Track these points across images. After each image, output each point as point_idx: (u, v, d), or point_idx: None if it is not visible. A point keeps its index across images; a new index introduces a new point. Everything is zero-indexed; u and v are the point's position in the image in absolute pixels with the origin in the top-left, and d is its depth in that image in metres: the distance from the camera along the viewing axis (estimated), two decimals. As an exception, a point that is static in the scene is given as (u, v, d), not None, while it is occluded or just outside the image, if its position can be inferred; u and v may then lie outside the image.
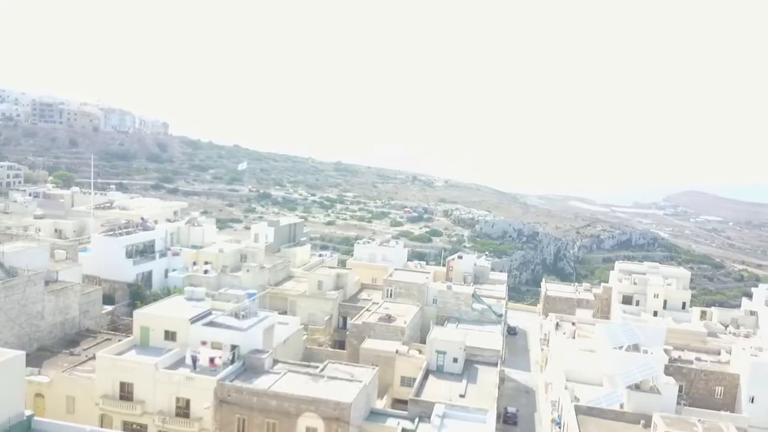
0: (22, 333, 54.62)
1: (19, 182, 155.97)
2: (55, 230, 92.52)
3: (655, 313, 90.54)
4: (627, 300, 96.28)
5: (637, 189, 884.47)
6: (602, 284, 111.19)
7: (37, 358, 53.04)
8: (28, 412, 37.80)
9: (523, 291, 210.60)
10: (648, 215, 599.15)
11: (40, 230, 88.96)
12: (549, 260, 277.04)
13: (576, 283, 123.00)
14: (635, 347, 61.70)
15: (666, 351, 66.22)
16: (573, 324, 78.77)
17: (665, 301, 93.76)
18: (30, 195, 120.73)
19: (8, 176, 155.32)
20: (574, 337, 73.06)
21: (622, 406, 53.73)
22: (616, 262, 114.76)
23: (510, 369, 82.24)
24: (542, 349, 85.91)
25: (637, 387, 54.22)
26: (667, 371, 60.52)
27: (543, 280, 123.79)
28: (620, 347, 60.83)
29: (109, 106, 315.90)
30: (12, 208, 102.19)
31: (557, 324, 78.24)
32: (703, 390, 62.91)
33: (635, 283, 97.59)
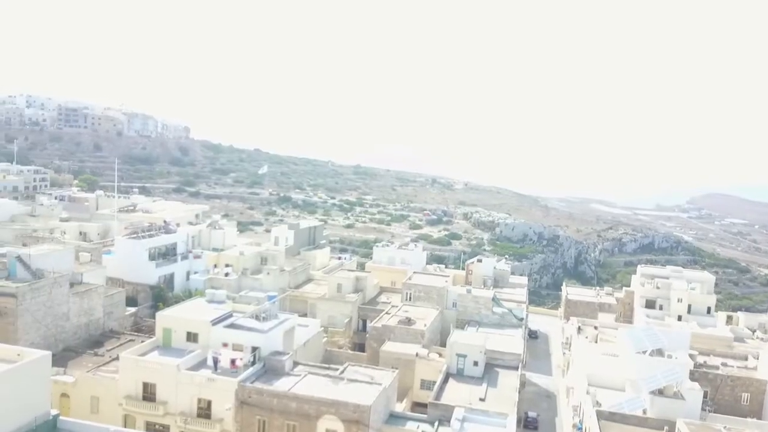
0: (48, 334, 55.64)
1: (46, 186, 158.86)
2: (80, 233, 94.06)
3: (679, 318, 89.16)
4: (650, 304, 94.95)
5: (659, 191, 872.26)
6: (624, 288, 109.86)
7: (62, 358, 53.92)
8: (53, 412, 38.46)
9: (543, 295, 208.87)
10: (671, 218, 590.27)
11: (65, 233, 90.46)
12: (570, 264, 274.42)
13: (597, 287, 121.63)
14: (659, 352, 60.78)
15: (690, 356, 65.11)
16: (595, 328, 77.84)
17: (689, 306, 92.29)
18: (56, 198, 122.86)
19: (35, 180, 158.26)
20: (596, 342, 72.22)
21: (645, 411, 52.93)
22: (639, 266, 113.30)
23: (531, 373, 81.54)
24: (564, 353, 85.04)
25: (660, 392, 53.35)
26: (692, 377, 59.50)
27: (564, 283, 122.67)
28: (643, 352, 59.97)
29: (132, 111, 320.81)
30: (38, 211, 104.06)
31: (579, 328, 77.41)
32: (729, 396, 61.73)
33: (658, 287, 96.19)
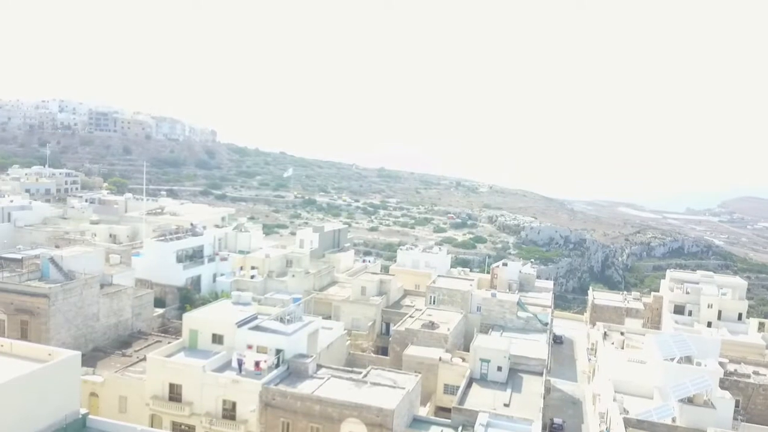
0: (79, 334, 56.86)
1: (77, 189, 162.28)
2: (110, 235, 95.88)
3: (709, 324, 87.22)
4: (679, 310, 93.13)
5: (690, 195, 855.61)
6: (652, 293, 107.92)
7: (91, 358, 55.02)
8: (83, 411, 39.27)
9: (569, 299, 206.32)
10: (702, 222, 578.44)
11: (95, 235, 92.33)
12: (596, 268, 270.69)
13: (624, 292, 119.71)
14: (688, 359, 59.55)
15: (721, 364, 63.62)
16: (622, 334, 76.63)
17: (720, 312, 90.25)
18: (86, 201, 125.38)
19: (66, 183, 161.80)
20: (622, 348, 71.08)
21: (674, 420, 51.89)
22: (668, 271, 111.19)
23: (556, 379, 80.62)
24: (589, 359, 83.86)
25: (690, 401, 52.27)
26: (723, 385, 58.16)
27: (590, 288, 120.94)
28: (672, 359, 58.83)
29: (161, 115, 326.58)
30: (70, 214, 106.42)
31: (605, 333, 76.26)
32: (762, 406, 60.13)
33: (688, 293, 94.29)
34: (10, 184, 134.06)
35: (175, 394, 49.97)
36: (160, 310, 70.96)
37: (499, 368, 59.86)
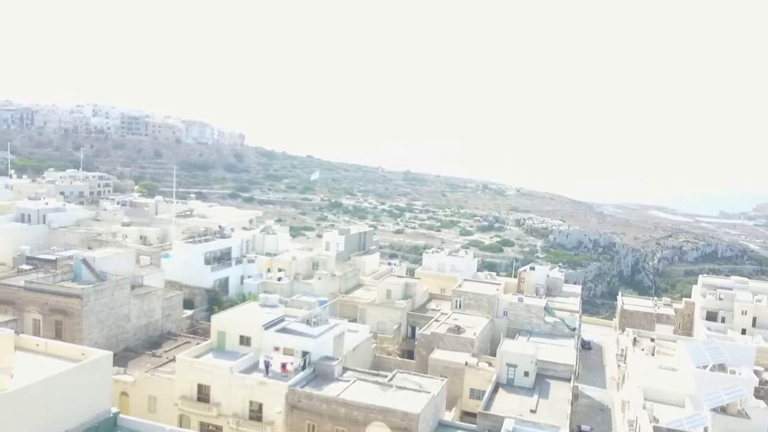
0: (110, 334, 58.05)
1: (109, 191, 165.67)
2: (140, 237, 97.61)
3: (743, 331, 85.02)
4: (711, 316, 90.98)
5: (723, 197, 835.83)
6: (684, 299, 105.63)
7: (122, 358, 56.09)
8: (114, 410, 40.08)
9: (598, 304, 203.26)
10: (736, 226, 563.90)
11: (126, 237, 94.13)
12: (626, 272, 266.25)
13: (655, 297, 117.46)
14: (721, 367, 58.22)
15: (756, 372, 61.95)
16: (652, 340, 75.23)
17: (754, 319, 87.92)
18: (118, 203, 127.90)
19: (99, 186, 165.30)
20: (653, 354, 69.77)
21: (706, 429, 50.73)
22: (700, 276, 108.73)
23: (584, 385, 79.46)
24: (619, 366, 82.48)
25: (723, 410, 51.08)
26: (757, 394, 56.67)
27: (619, 293, 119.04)
28: (704, 367, 57.56)
29: (190, 119, 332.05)
30: (102, 216, 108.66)
31: (635, 339, 74.96)
32: (799, 416, 58.32)
33: (721, 299, 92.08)
34: (46, 186, 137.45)
35: (203, 395, 50.65)
36: (188, 312, 72.02)
37: (526, 373, 59.26)
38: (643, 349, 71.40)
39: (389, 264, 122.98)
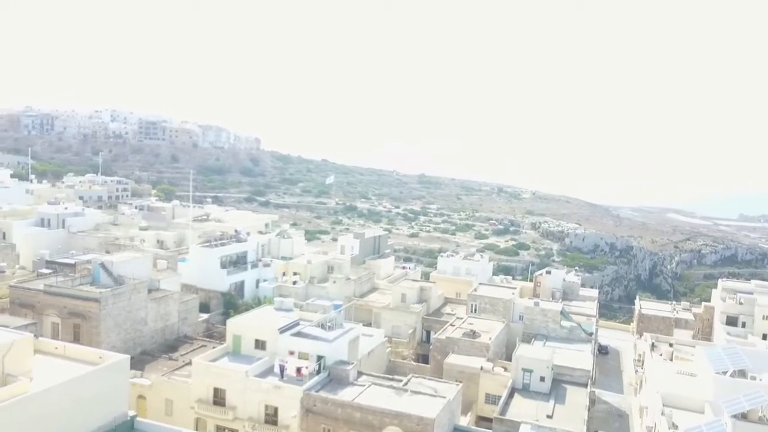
0: (128, 338, 58.60)
1: (127, 196, 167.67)
2: (158, 241, 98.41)
3: (764, 337, 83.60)
4: (731, 321, 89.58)
5: (743, 200, 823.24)
6: (703, 303, 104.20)
7: (139, 361, 56.55)
8: (131, 413, 40.38)
9: (615, 308, 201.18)
10: (756, 229, 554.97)
11: (144, 241, 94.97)
12: (644, 276, 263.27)
13: (673, 301, 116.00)
14: (741, 373, 57.33)
15: (777, 378, 60.92)
16: (670, 345, 74.31)
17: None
18: (136, 208, 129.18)
19: (117, 190, 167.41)
20: (671, 359, 68.92)
21: (726, 436, 49.94)
22: (720, 280, 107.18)
23: (601, 390, 78.66)
24: (636, 371, 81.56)
25: (743, 417, 50.22)
26: (779, 401, 55.62)
27: (637, 297, 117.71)
28: (724, 372, 56.72)
29: (207, 123, 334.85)
30: (120, 220, 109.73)
31: (653, 344, 74.10)
32: (822, 423, 57.18)
33: (741, 303, 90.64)
34: (65, 191, 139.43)
35: (219, 398, 50.93)
36: (204, 315, 72.51)
37: (542, 378, 58.82)
38: (661, 354, 70.56)
39: (404, 268, 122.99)
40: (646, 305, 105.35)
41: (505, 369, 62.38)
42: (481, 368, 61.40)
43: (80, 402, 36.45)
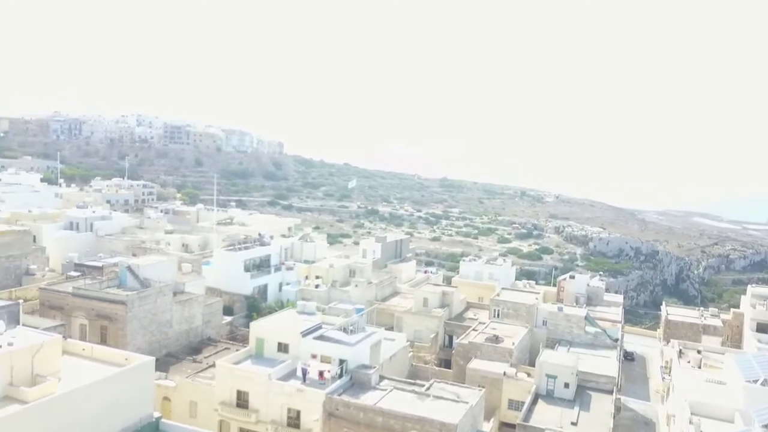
0: (153, 340, 59.35)
1: (153, 199, 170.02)
2: (182, 245, 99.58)
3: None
4: (762, 328, 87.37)
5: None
6: (732, 309, 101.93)
7: (164, 363, 57.15)
8: (156, 414, 40.89)
9: (640, 314, 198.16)
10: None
11: (169, 244, 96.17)
12: (670, 281, 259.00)
13: (701, 307, 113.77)
14: (772, 381, 55.83)
15: (810, 387, 59.30)
16: (699, 352, 72.79)
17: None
18: (161, 211, 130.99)
19: (143, 194, 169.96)
20: (699, 367, 67.50)
21: (757, 446, 48.74)
22: (749, 285, 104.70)
23: (627, 397, 77.47)
24: (663, 378, 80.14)
25: (775, 426, 48.96)
26: (812, 410, 54.12)
27: (663, 302, 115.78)
28: (755, 381, 55.36)
29: (230, 128, 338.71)
30: (146, 224, 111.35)
31: (680, 351, 72.70)
32: None
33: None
34: (93, 195, 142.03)
35: (242, 401, 51.30)
36: (228, 318, 73.11)
37: (566, 385, 58.13)
38: (689, 362, 69.17)
39: (425, 272, 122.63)
40: (672, 311, 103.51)
41: (529, 375, 61.78)
42: (504, 374, 60.88)
43: (107, 403, 37.02)
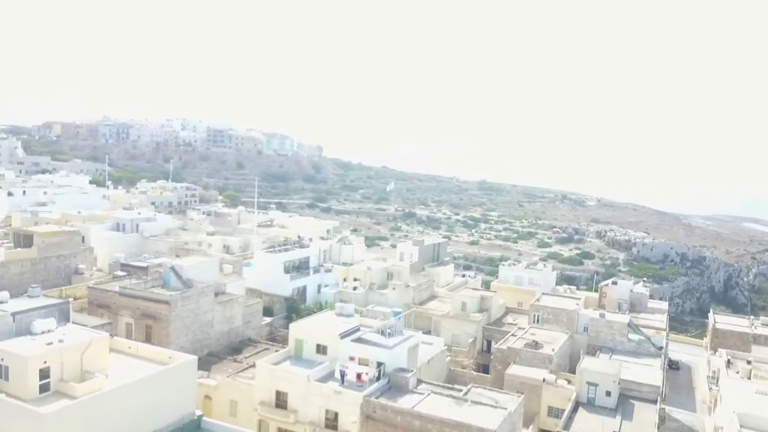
0: (195, 339, 60.64)
1: (195, 201, 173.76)
2: (224, 246, 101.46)
3: None
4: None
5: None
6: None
7: (206, 362, 58.28)
8: (198, 412, 41.78)
9: (686, 322, 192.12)
10: None
11: (211, 246, 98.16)
12: (718, 288, 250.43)
13: (751, 316, 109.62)
14: (828, 395, 53.47)
15: None
16: (748, 362, 70.19)
17: None
18: (204, 213, 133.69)
19: (186, 196, 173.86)
20: (749, 378, 65.08)
21: (811, 462, 46.72)
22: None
23: (671, 408, 75.22)
24: (710, 389, 77.51)
25: (830, 442, 46.88)
26: None
27: (711, 310, 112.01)
28: (809, 393, 53.09)
29: (271, 131, 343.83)
30: (189, 225, 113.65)
31: (728, 361, 70.25)
32: None
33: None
34: (138, 197, 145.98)
35: (281, 401, 51.86)
36: (268, 319, 74.06)
37: (608, 393, 56.89)
38: (738, 372, 66.81)
39: (463, 276, 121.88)
40: (720, 319, 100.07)
41: (569, 382, 60.70)
42: (544, 380, 59.97)
43: (151, 399, 38.03)
